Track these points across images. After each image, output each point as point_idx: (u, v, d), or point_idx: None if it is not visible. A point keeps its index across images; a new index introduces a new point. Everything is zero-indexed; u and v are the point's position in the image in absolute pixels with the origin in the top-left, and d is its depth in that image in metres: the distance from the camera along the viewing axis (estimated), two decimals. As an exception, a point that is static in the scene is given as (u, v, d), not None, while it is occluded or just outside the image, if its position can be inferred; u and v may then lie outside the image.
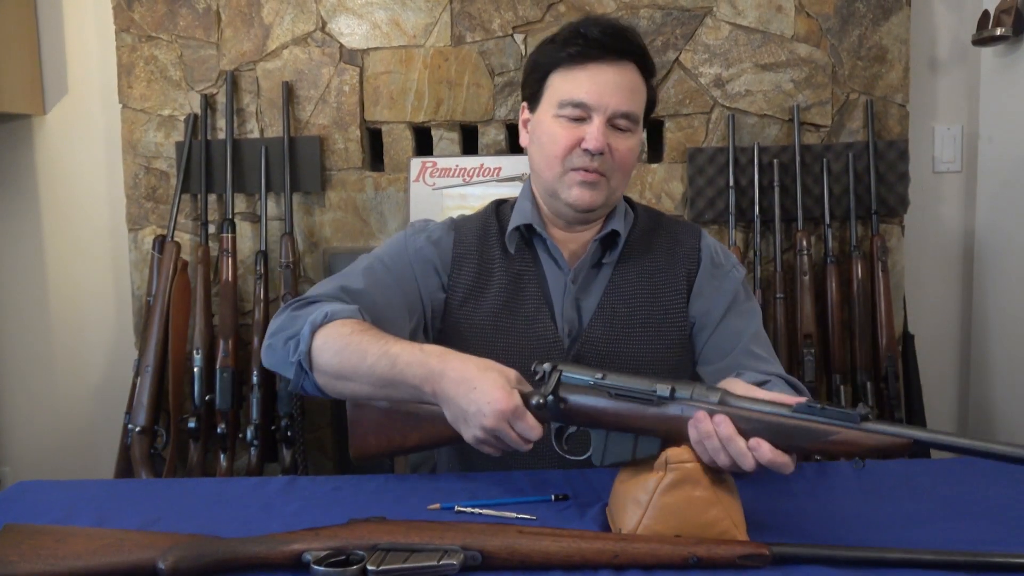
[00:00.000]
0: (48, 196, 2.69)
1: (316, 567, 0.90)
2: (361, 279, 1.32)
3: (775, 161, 2.40)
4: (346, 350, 1.15)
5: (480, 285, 1.36)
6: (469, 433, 1.07)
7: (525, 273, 1.36)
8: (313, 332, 1.19)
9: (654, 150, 2.52)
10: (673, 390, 0.99)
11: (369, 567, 0.89)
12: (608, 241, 1.37)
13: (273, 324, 1.26)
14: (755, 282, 2.38)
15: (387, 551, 0.92)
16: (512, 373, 1.09)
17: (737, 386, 1.07)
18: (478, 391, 1.05)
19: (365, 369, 1.14)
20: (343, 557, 0.91)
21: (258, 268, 2.40)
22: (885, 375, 2.35)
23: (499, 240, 1.37)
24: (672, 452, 0.98)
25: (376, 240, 2.49)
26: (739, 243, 2.41)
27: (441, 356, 1.10)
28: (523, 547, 0.92)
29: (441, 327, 1.37)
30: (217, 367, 2.33)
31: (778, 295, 2.36)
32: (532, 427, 1.04)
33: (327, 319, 1.20)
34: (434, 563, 0.90)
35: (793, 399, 0.98)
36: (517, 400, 1.04)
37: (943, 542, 0.95)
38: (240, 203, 2.50)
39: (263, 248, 2.42)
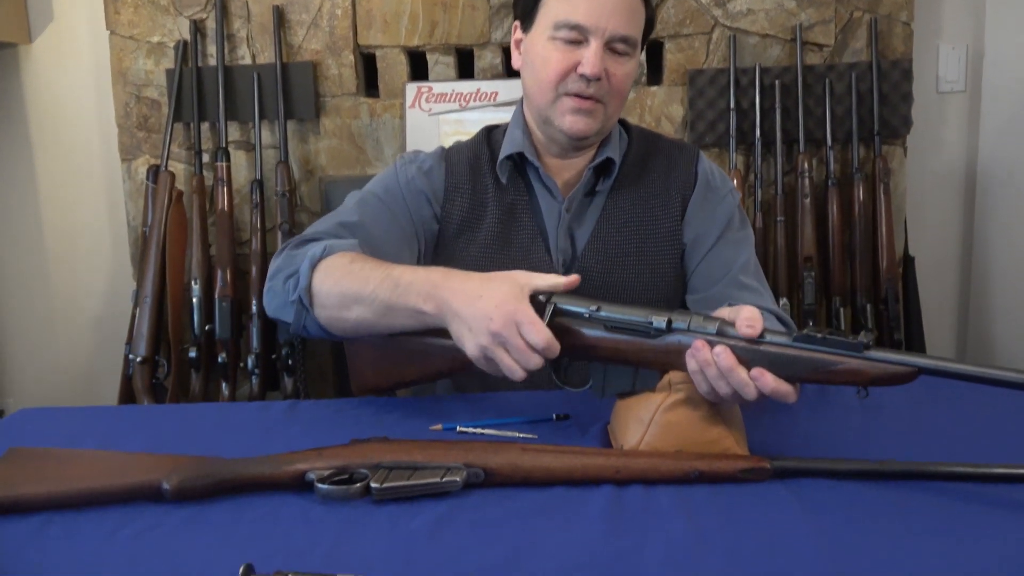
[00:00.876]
0: (38, 128, 2.65)
1: (320, 485, 0.91)
2: (356, 212, 1.31)
3: (777, 82, 2.36)
4: (347, 278, 1.13)
5: (474, 217, 1.34)
6: (473, 343, 1.01)
7: (518, 203, 1.34)
8: (313, 266, 1.17)
9: (653, 72, 2.48)
10: (670, 321, 0.97)
11: (373, 484, 0.90)
12: (602, 168, 1.35)
13: (272, 266, 1.25)
14: (755, 205, 2.36)
15: (390, 469, 0.92)
16: (522, 277, 1.03)
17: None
18: (484, 299, 1.01)
19: (367, 295, 1.11)
20: (347, 476, 0.92)
21: (254, 197, 2.37)
22: (885, 298, 2.34)
23: (491, 170, 1.34)
24: (676, 374, 0.97)
25: (373, 168, 2.46)
26: (740, 166, 2.39)
27: (444, 272, 1.08)
28: (525, 463, 0.92)
29: (435, 259, 1.35)
30: (216, 297, 2.32)
31: (779, 218, 2.34)
32: (540, 332, 0.97)
33: (326, 252, 1.19)
34: (437, 480, 0.90)
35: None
36: (526, 303, 0.99)
37: (944, 456, 0.95)
38: (234, 131, 2.46)
39: (258, 177, 2.39)
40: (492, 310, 0.99)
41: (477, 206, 1.34)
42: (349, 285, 1.13)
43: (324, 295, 1.15)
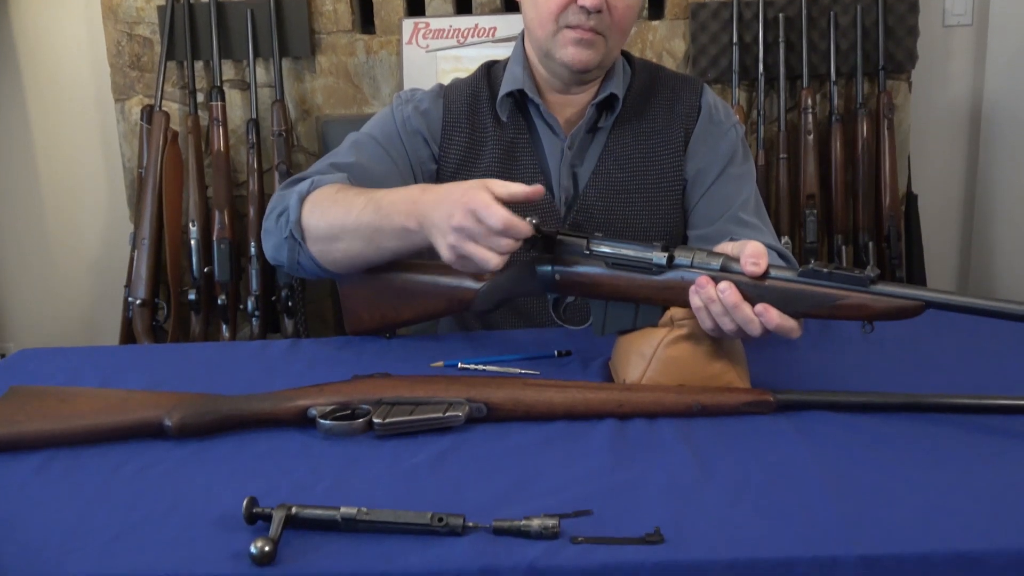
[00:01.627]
0: (29, 68, 2.61)
1: (322, 421, 0.91)
2: (352, 153, 1.29)
3: (780, 16, 2.31)
4: (333, 207, 1.13)
5: (472, 155, 1.31)
6: (445, 246, 1.00)
7: (519, 141, 1.32)
8: (301, 200, 1.17)
9: (655, 6, 2.43)
10: (671, 257, 0.96)
11: (375, 420, 0.90)
12: (605, 105, 1.32)
13: (267, 209, 1.24)
14: (758, 142, 2.33)
15: (392, 405, 0.92)
16: (486, 181, 1.00)
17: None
18: (445, 201, 1.00)
19: (352, 221, 1.11)
20: (348, 411, 0.92)
21: (250, 137, 2.34)
22: (887, 235, 2.32)
23: (490, 107, 1.32)
24: (678, 310, 0.96)
25: (370, 107, 2.42)
26: (742, 102, 2.35)
27: (423, 187, 1.08)
28: (528, 398, 0.92)
29: None
30: (214, 239, 2.29)
31: (781, 155, 2.30)
32: (495, 213, 0.95)
33: (313, 186, 1.18)
34: (439, 415, 0.90)
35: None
36: (478, 191, 0.98)
37: (947, 388, 0.95)
38: (228, 70, 2.42)
39: (254, 116, 2.35)
40: (451, 207, 0.99)
41: (476, 144, 1.31)
42: (336, 214, 1.13)
43: (314, 227, 1.15)
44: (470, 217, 0.98)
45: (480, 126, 1.32)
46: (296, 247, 1.18)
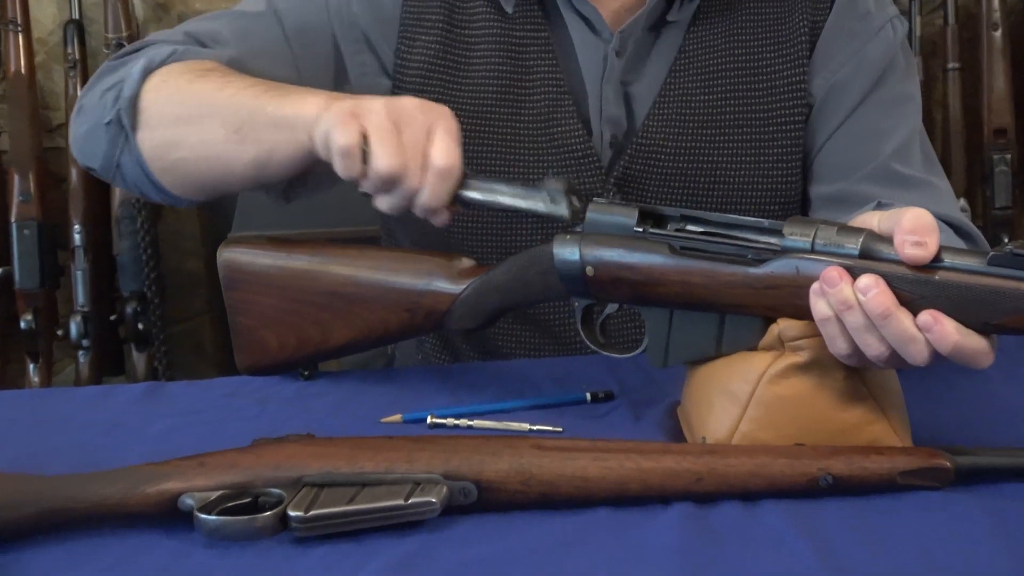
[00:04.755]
0: None
1: (204, 516, 0.67)
2: (233, 40, 1.02)
3: None
4: (198, 82, 0.91)
5: (451, 65, 1.00)
6: (349, 134, 0.80)
7: (532, 44, 1.00)
8: (147, 71, 0.93)
9: None
10: (781, 234, 0.74)
11: (292, 512, 0.67)
12: None
13: (90, 80, 1.00)
14: (912, 44, 1.81)
15: (320, 487, 0.70)
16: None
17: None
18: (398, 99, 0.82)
19: (226, 97, 0.88)
20: (248, 500, 0.70)
21: (69, 50, 1.83)
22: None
23: None
24: (790, 324, 0.75)
25: None
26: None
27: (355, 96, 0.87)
28: (545, 472, 0.70)
29: None
30: (12, 220, 1.77)
31: (950, 65, 1.79)
32: (449, 148, 0.78)
33: (174, 57, 0.95)
34: (400, 502, 0.68)
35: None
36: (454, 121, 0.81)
37: None
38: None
39: (76, 16, 1.83)
40: (394, 101, 0.83)
41: (457, 46, 1.00)
42: (199, 90, 0.90)
43: (157, 108, 0.92)
44: (419, 119, 0.79)
45: (466, 17, 1.01)
46: (120, 138, 0.94)
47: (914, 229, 0.68)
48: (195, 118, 0.89)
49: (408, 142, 0.79)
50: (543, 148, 1.00)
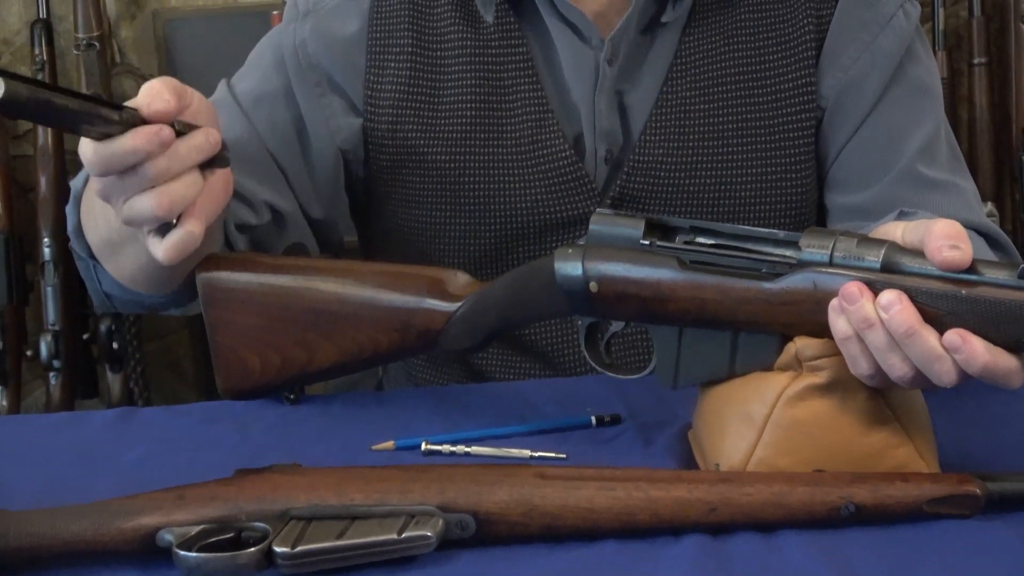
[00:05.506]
0: None
1: (182, 552, 0.65)
2: None
3: None
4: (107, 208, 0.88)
5: (424, 92, 0.95)
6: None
7: (509, 61, 0.94)
8: (78, 200, 0.90)
9: None
10: (797, 246, 0.70)
11: (277, 548, 0.64)
12: None
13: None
14: (935, 38, 1.75)
15: (308, 520, 0.67)
16: None
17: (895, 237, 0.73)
18: None
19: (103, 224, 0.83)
20: (230, 535, 0.67)
21: (37, 50, 1.79)
22: None
23: (459, 2, 0.96)
24: (808, 342, 0.72)
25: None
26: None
27: None
28: (548, 502, 0.67)
29: (367, 173, 1.00)
30: None
31: (976, 60, 1.72)
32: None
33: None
34: (393, 536, 0.66)
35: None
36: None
37: None
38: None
39: (43, 15, 1.77)
40: None
41: (426, 74, 0.95)
42: (106, 217, 0.85)
43: (95, 240, 0.90)
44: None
45: (436, 37, 0.96)
46: (88, 267, 0.92)
47: (943, 236, 0.64)
48: (116, 249, 0.87)
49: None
50: (529, 173, 0.95)
